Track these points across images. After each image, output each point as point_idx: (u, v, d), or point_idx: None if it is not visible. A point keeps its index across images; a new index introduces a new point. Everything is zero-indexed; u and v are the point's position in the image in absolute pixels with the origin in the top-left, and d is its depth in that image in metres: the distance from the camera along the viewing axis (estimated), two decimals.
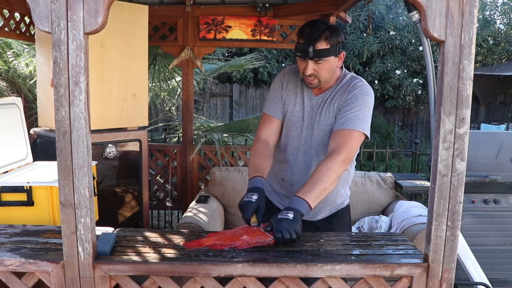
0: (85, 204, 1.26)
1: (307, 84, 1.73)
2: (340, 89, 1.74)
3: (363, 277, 1.31)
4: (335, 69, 1.72)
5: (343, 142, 1.61)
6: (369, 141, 8.55)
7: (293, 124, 1.81)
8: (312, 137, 1.77)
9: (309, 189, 1.52)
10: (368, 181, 3.33)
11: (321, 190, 1.53)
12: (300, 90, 1.81)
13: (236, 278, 1.30)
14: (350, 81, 1.73)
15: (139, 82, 2.94)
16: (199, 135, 4.04)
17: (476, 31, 1.23)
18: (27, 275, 1.31)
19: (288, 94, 1.82)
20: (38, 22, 1.19)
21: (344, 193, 1.88)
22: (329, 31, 1.62)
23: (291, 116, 1.81)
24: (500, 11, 9.26)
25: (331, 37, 1.62)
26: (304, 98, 1.79)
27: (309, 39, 1.61)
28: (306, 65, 1.65)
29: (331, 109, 1.73)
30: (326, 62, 1.64)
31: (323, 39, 1.61)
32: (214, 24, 3.51)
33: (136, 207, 3.09)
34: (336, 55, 1.66)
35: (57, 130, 1.23)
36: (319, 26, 1.63)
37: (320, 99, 1.76)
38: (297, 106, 1.80)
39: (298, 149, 1.80)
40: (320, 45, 1.61)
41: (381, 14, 8.12)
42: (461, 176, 1.26)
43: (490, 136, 3.02)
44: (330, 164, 1.57)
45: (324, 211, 1.85)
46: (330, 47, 1.62)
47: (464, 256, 1.82)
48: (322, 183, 1.53)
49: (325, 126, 1.74)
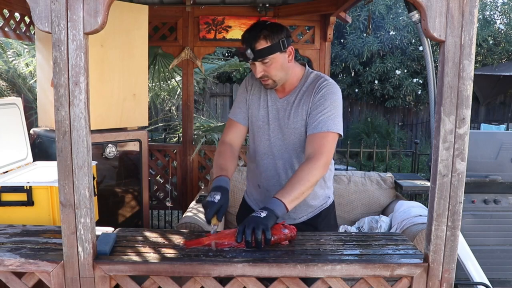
0: (85, 204, 1.26)
1: (264, 86, 1.72)
2: (306, 90, 1.70)
3: (363, 277, 1.31)
4: (287, 66, 1.66)
5: (320, 145, 1.60)
6: (369, 141, 8.49)
7: (259, 129, 1.80)
8: (284, 141, 1.74)
9: (287, 191, 1.51)
10: (368, 181, 3.33)
11: (299, 193, 1.52)
12: (264, 94, 1.79)
13: (236, 278, 1.30)
14: (316, 81, 1.70)
15: (139, 82, 2.94)
16: (199, 135, 4.04)
17: (476, 31, 1.23)
18: (27, 275, 1.31)
19: (252, 98, 1.81)
20: (38, 22, 1.19)
21: (322, 194, 1.84)
22: (268, 29, 1.59)
23: (256, 120, 1.80)
24: (500, 11, 9.26)
25: (271, 34, 1.59)
26: (268, 102, 1.77)
27: (248, 41, 1.60)
28: (255, 68, 1.64)
29: (299, 112, 1.70)
30: (273, 60, 1.61)
31: (262, 38, 1.58)
32: (214, 24, 3.52)
33: (136, 207, 3.09)
34: (281, 51, 1.62)
35: (57, 130, 1.23)
36: (257, 27, 1.62)
37: (285, 102, 1.74)
38: (261, 110, 1.78)
39: (268, 154, 1.78)
40: (259, 45, 1.58)
41: (381, 14, 8.12)
42: (461, 176, 1.26)
43: (490, 136, 3.03)
44: (310, 168, 1.55)
45: (304, 212, 1.82)
46: (271, 44, 1.59)
47: (464, 256, 1.82)
48: (301, 186, 1.51)
49: (295, 130, 1.71)
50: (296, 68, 1.73)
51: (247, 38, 1.61)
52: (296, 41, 3.72)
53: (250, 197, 1.93)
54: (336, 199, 3.25)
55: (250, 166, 1.89)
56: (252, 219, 1.41)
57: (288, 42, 1.64)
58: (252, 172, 1.88)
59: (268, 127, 1.76)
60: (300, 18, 3.50)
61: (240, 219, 1.93)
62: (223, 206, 1.53)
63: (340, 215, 3.27)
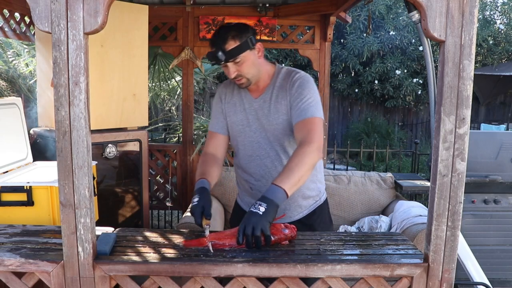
0: (85, 204, 1.26)
1: (239, 86, 1.74)
2: (280, 86, 1.73)
3: (363, 277, 1.31)
4: (258, 62, 1.70)
5: (310, 130, 1.60)
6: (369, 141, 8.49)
7: (240, 133, 1.81)
8: (268, 139, 1.76)
9: (286, 175, 1.48)
10: (368, 181, 3.33)
11: (299, 177, 1.49)
12: (238, 99, 1.81)
13: (236, 278, 1.30)
14: (288, 76, 1.73)
15: (139, 82, 2.94)
16: (199, 135, 4.04)
17: (476, 31, 1.23)
18: (27, 275, 1.31)
19: (228, 106, 1.83)
20: (38, 22, 1.19)
21: (314, 188, 1.84)
22: (234, 30, 1.63)
23: (235, 126, 1.82)
24: (500, 11, 9.25)
25: (238, 34, 1.62)
26: (245, 105, 1.79)
27: (217, 44, 1.63)
28: (228, 69, 1.66)
29: (278, 107, 1.72)
30: (244, 59, 1.64)
31: (230, 39, 1.61)
32: (214, 24, 3.51)
33: (136, 207, 3.09)
34: (251, 49, 1.65)
35: (57, 130, 1.23)
36: (223, 29, 1.65)
37: (261, 101, 1.75)
38: (239, 114, 1.80)
39: (254, 155, 1.79)
40: (229, 46, 1.61)
41: (381, 14, 8.11)
42: (461, 176, 1.26)
43: (490, 136, 3.03)
44: (305, 151, 1.54)
45: (299, 210, 1.82)
46: (240, 43, 1.62)
47: (464, 256, 1.82)
48: (299, 170, 1.49)
49: (277, 126, 1.73)
50: (267, 66, 1.77)
51: (216, 41, 1.64)
52: (296, 41, 3.72)
53: (243, 200, 1.93)
54: (336, 199, 3.29)
55: (238, 172, 1.90)
56: (251, 217, 1.38)
57: (255, 40, 1.68)
58: (241, 177, 1.88)
59: (250, 129, 1.78)
60: (300, 18, 3.50)
61: (233, 223, 1.93)
62: (205, 204, 1.54)
63: (340, 215, 3.27)
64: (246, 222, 1.39)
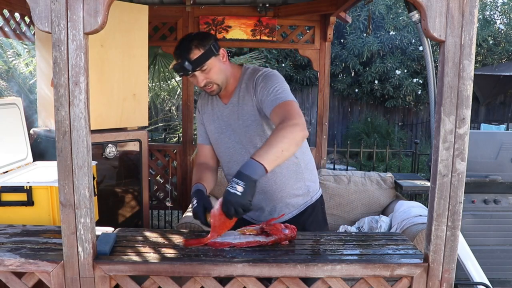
0: (85, 204, 1.26)
1: (210, 93, 1.75)
2: (245, 87, 1.73)
3: (363, 277, 1.31)
4: (224, 67, 1.71)
5: (287, 110, 1.56)
6: (369, 141, 8.49)
7: (217, 141, 1.83)
8: (242, 143, 1.76)
9: (264, 150, 1.42)
10: (368, 181, 3.33)
11: (279, 151, 1.43)
12: (211, 108, 1.83)
13: (236, 278, 1.30)
14: (252, 76, 1.72)
15: (139, 82, 2.94)
16: None
17: (476, 31, 1.23)
18: (27, 275, 1.31)
19: (205, 117, 1.86)
20: (38, 22, 1.19)
21: (301, 187, 1.81)
22: (196, 39, 1.65)
23: (212, 134, 1.84)
24: (500, 11, 9.25)
25: (201, 42, 1.63)
26: (218, 113, 1.81)
27: (182, 55, 1.63)
28: (196, 79, 1.67)
29: (245, 108, 1.72)
30: (210, 66, 1.65)
31: (194, 48, 1.62)
32: (214, 24, 3.51)
33: (136, 207, 3.09)
34: (215, 55, 1.66)
35: (57, 130, 1.23)
36: (186, 40, 1.66)
37: (231, 105, 1.77)
38: (214, 123, 1.82)
39: (232, 161, 1.80)
40: (194, 55, 1.62)
41: (381, 14, 8.12)
42: (461, 176, 1.26)
43: (490, 136, 3.03)
44: (284, 126, 1.48)
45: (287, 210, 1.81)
46: (204, 51, 1.63)
47: (464, 256, 1.82)
48: (279, 143, 1.43)
49: (248, 127, 1.73)
50: (233, 69, 1.77)
51: (180, 53, 1.64)
52: (296, 41, 3.72)
53: None
54: (336, 199, 3.30)
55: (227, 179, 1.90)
56: (230, 198, 1.36)
57: (218, 45, 1.69)
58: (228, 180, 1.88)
59: (224, 136, 1.80)
60: (300, 18, 3.50)
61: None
62: (205, 203, 1.57)
63: (340, 215, 3.27)
64: (227, 203, 1.37)
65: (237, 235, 1.48)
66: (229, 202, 1.37)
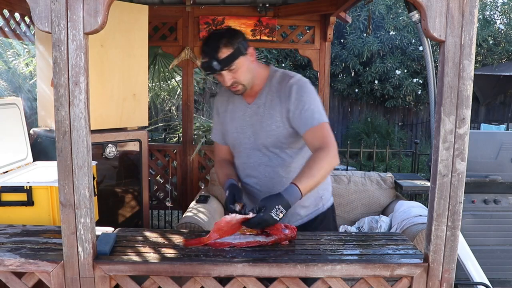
0: (85, 204, 1.26)
1: (235, 92, 1.70)
2: (275, 91, 1.69)
3: (363, 277, 1.31)
4: (252, 67, 1.67)
5: (323, 136, 1.59)
6: (369, 141, 8.47)
7: (235, 140, 1.80)
8: (262, 145, 1.73)
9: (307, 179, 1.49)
10: (368, 181, 3.33)
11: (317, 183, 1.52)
12: (232, 106, 1.79)
13: (236, 278, 1.30)
14: (283, 80, 1.69)
15: (139, 82, 2.94)
16: (199, 135, 4.04)
17: (476, 31, 1.23)
18: (27, 275, 1.31)
19: (224, 115, 1.83)
20: (38, 22, 1.19)
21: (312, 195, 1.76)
22: (225, 37, 1.60)
23: (231, 133, 1.81)
24: (500, 11, 9.25)
25: (230, 41, 1.59)
26: (239, 112, 1.77)
27: (210, 53, 1.60)
28: (223, 78, 1.63)
29: (272, 113, 1.68)
30: (238, 65, 1.61)
31: (223, 47, 1.58)
32: (214, 24, 3.52)
33: (136, 207, 3.09)
34: (244, 54, 1.63)
35: (57, 130, 1.23)
36: (214, 37, 1.62)
37: (255, 106, 1.73)
38: (234, 122, 1.78)
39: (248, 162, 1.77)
40: (222, 54, 1.58)
41: (381, 14, 8.11)
42: (461, 176, 1.26)
43: (490, 136, 3.03)
44: (325, 156, 1.53)
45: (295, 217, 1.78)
46: (233, 50, 1.59)
47: (464, 256, 1.82)
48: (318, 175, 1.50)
49: (271, 132, 1.69)
50: (260, 69, 1.74)
51: (208, 51, 1.60)
52: (296, 41, 3.72)
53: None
54: (336, 199, 3.26)
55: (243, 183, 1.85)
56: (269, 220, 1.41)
57: (246, 44, 1.65)
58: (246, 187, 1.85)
59: (244, 136, 1.76)
60: (300, 18, 3.50)
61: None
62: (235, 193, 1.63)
63: (340, 215, 3.27)
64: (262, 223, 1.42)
65: (237, 235, 1.48)
66: (265, 222, 1.42)
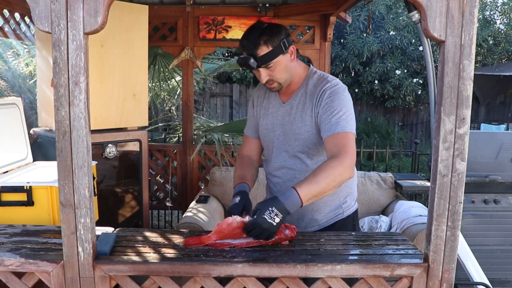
0: (85, 204, 1.26)
1: (270, 89, 1.67)
2: (310, 93, 1.65)
3: (363, 277, 1.31)
4: (290, 66, 1.63)
5: (343, 145, 1.50)
6: (369, 141, 8.48)
7: (265, 137, 1.78)
8: (289, 147, 1.70)
9: (309, 186, 1.41)
10: (368, 181, 3.33)
11: (322, 192, 1.44)
12: (267, 102, 1.77)
13: (236, 278, 1.30)
14: (319, 83, 1.64)
15: (139, 82, 2.94)
16: (199, 135, 4.04)
17: (476, 31, 1.23)
18: (27, 275, 1.31)
19: (259, 109, 1.81)
20: (38, 22, 1.19)
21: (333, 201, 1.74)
22: (266, 33, 1.54)
23: (262, 129, 1.79)
24: (500, 11, 9.25)
25: (270, 38, 1.54)
26: (273, 109, 1.74)
27: (248, 49, 1.55)
28: (259, 74, 1.60)
29: (303, 116, 1.65)
30: (276, 64, 1.57)
31: (263, 44, 1.53)
32: (214, 24, 3.51)
33: (136, 207, 3.09)
34: (284, 53, 1.58)
35: (57, 130, 1.23)
36: (254, 32, 1.56)
37: (289, 106, 1.69)
38: (266, 118, 1.76)
39: (274, 161, 1.75)
40: (261, 51, 1.54)
41: (381, 14, 8.12)
42: (461, 176, 1.26)
43: (490, 136, 3.03)
44: (337, 165, 1.45)
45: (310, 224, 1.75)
46: (272, 48, 1.54)
47: (464, 256, 1.82)
48: (324, 184, 1.42)
49: (300, 135, 1.66)
50: (299, 69, 1.69)
51: (247, 46, 1.56)
52: (296, 41, 3.72)
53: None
54: None
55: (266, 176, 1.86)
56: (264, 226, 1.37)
57: (288, 42, 1.60)
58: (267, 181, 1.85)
59: (274, 134, 1.74)
60: (300, 18, 3.50)
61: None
62: (245, 204, 1.59)
63: None
64: (257, 227, 1.37)
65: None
66: (259, 226, 1.37)
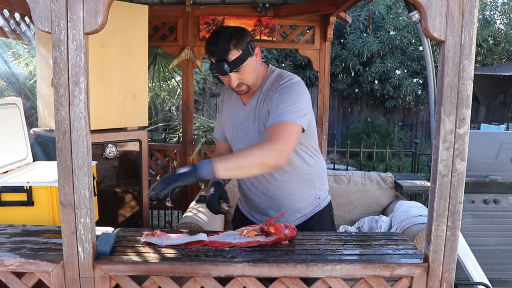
0: (85, 204, 1.26)
1: (239, 92, 1.66)
2: (266, 92, 1.65)
3: (363, 277, 1.31)
4: (257, 67, 1.63)
5: (276, 132, 1.49)
6: (369, 141, 8.47)
7: (231, 140, 1.80)
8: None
9: (224, 158, 1.51)
10: (368, 181, 3.33)
11: (237, 165, 1.45)
12: (230, 106, 1.78)
13: (236, 278, 1.30)
14: (275, 82, 1.64)
15: (139, 82, 2.94)
16: (199, 135, 4.04)
17: (476, 31, 1.23)
18: (27, 275, 1.31)
19: (223, 113, 1.82)
20: (38, 22, 1.19)
21: (311, 195, 1.78)
22: (234, 37, 1.54)
23: (227, 133, 1.81)
24: (500, 11, 9.25)
25: (239, 42, 1.54)
26: (235, 112, 1.75)
27: (219, 55, 1.54)
28: (229, 78, 1.58)
29: (261, 116, 1.65)
30: (246, 67, 1.57)
31: (233, 48, 1.53)
32: (214, 24, 3.51)
33: (136, 207, 3.09)
34: (251, 55, 1.58)
35: (57, 130, 1.23)
36: (222, 38, 1.54)
37: (249, 107, 1.70)
38: (230, 121, 1.77)
39: None
40: (232, 56, 1.53)
41: (381, 14, 8.11)
42: (461, 176, 1.26)
43: (490, 136, 3.03)
44: (259, 147, 1.48)
45: (293, 217, 1.77)
46: (242, 52, 1.54)
47: (464, 256, 1.82)
48: (241, 158, 1.46)
49: (260, 134, 1.66)
50: (262, 69, 1.69)
51: (217, 52, 1.54)
52: (296, 41, 3.72)
53: (242, 203, 1.96)
54: (336, 199, 3.29)
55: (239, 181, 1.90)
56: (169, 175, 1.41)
57: (253, 44, 1.61)
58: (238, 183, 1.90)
59: (238, 136, 1.75)
60: (300, 18, 3.50)
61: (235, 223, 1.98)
62: (221, 193, 1.66)
63: (340, 215, 3.27)
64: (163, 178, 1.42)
65: (237, 235, 1.48)
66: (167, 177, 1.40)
